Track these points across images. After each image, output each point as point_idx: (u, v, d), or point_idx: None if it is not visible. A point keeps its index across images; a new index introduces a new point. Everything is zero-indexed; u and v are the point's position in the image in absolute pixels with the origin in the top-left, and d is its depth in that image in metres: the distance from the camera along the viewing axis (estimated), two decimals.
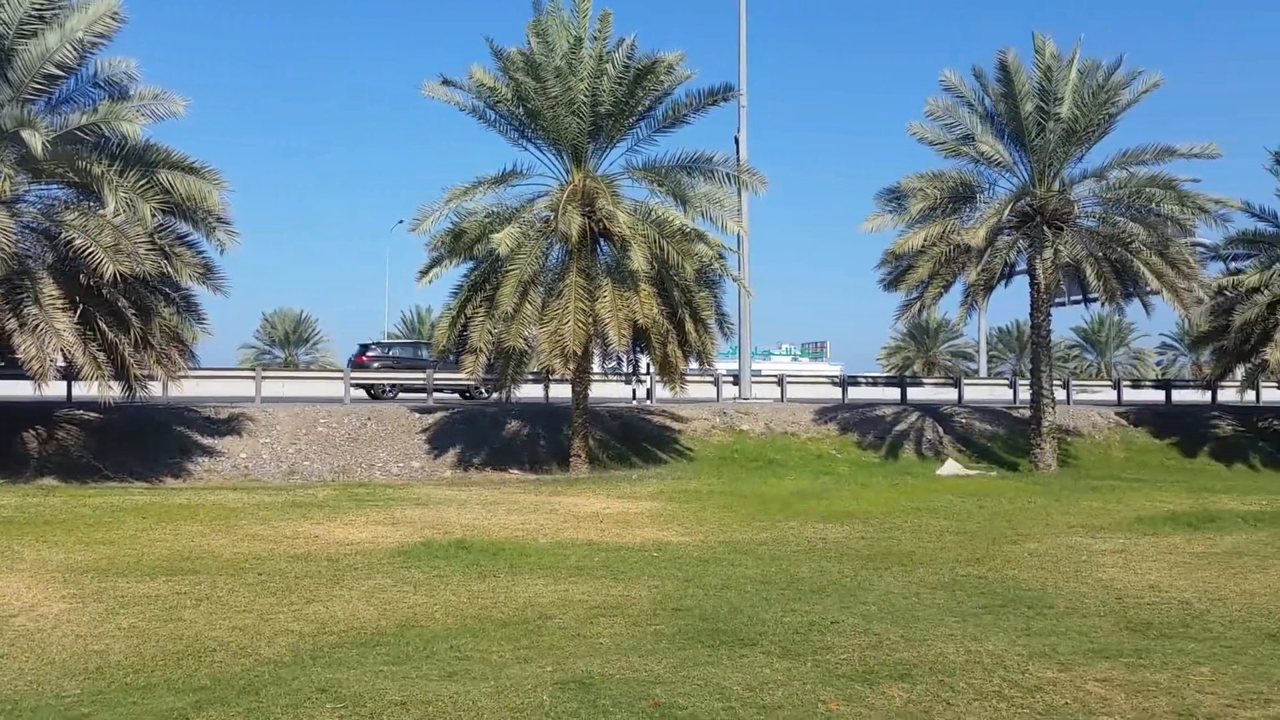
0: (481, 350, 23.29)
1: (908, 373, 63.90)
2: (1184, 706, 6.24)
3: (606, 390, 31.28)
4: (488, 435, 26.57)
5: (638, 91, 23.28)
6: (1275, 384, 39.22)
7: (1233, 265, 30.63)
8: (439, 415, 27.24)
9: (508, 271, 22.67)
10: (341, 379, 30.59)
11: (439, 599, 10.05)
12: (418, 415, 27.07)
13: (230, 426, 24.97)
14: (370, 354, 34.53)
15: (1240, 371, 32.30)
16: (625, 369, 29.14)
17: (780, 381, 35.63)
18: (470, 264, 24.51)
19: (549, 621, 9.08)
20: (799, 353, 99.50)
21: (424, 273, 24.26)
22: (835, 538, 14.62)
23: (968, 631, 8.59)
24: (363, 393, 31.89)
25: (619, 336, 22.49)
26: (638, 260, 21.75)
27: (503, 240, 21.82)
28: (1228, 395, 36.11)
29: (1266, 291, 28.10)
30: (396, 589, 10.53)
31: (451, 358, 26.53)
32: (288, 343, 71.46)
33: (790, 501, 18.84)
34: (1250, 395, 36.37)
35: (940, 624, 8.94)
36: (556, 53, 22.99)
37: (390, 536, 14.15)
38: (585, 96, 22.94)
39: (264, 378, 29.62)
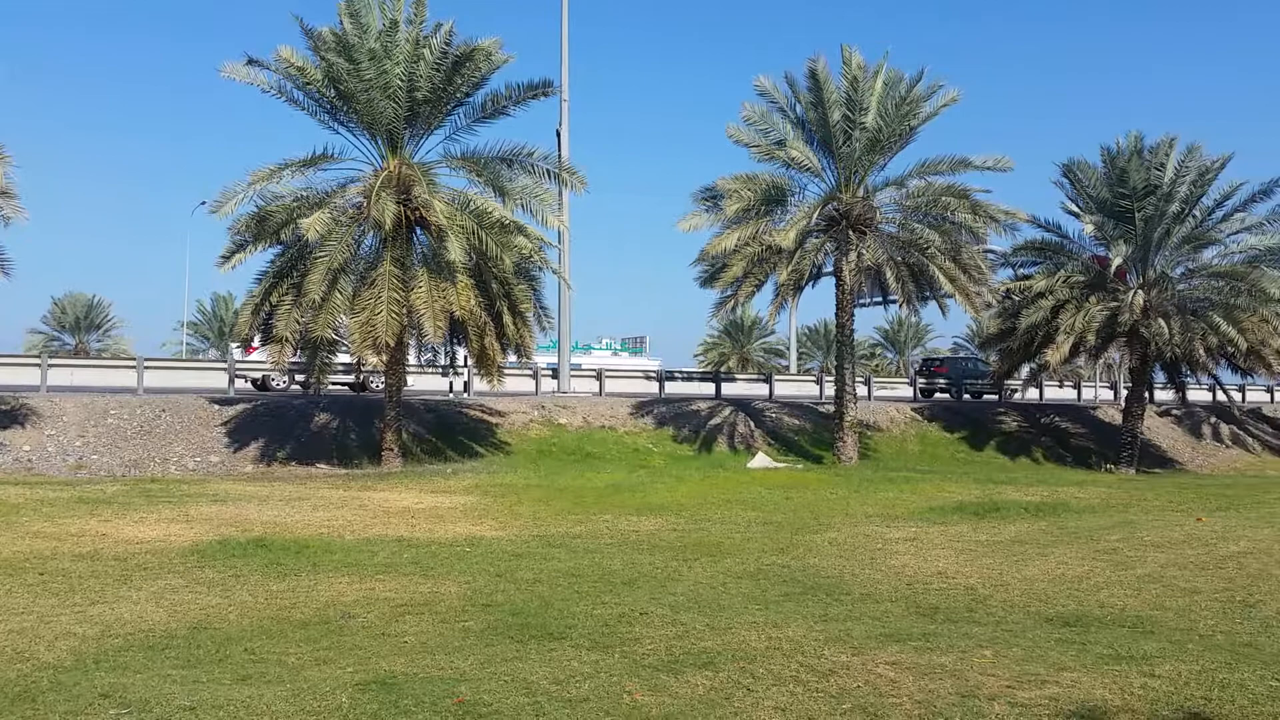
0: (288, 340, 22.42)
1: (723, 368, 65.43)
2: (967, 688, 6.60)
3: (423, 383, 30.70)
4: (294, 428, 25.62)
5: (456, 78, 22.91)
6: (1055, 383, 42.31)
7: (1020, 272, 32.68)
8: (240, 407, 26.06)
9: (316, 258, 21.90)
10: (135, 367, 28.73)
11: (234, 600, 9.62)
12: (217, 407, 25.82)
13: (11, 417, 23.17)
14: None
15: (1025, 371, 34.53)
16: (442, 361, 28.67)
17: (599, 375, 35.86)
18: (277, 250, 23.54)
19: (352, 621, 8.83)
20: (619, 347, 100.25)
21: (226, 258, 23.10)
22: (648, 530, 14.83)
23: (770, 619, 8.86)
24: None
25: (435, 328, 22.09)
26: (455, 251, 21.42)
27: (311, 225, 21.07)
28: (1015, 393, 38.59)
29: (1050, 297, 30.08)
30: (189, 589, 10.02)
31: (258, 346, 25.37)
32: (79, 329, 67.01)
33: (606, 495, 18.98)
34: (1032, 393, 39.03)
35: (744, 612, 9.19)
36: (370, 34, 22.36)
37: (184, 535, 13.45)
38: (401, 81, 22.41)
39: (50, 365, 27.58)
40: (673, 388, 35.95)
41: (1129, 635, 8.21)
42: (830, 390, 31.29)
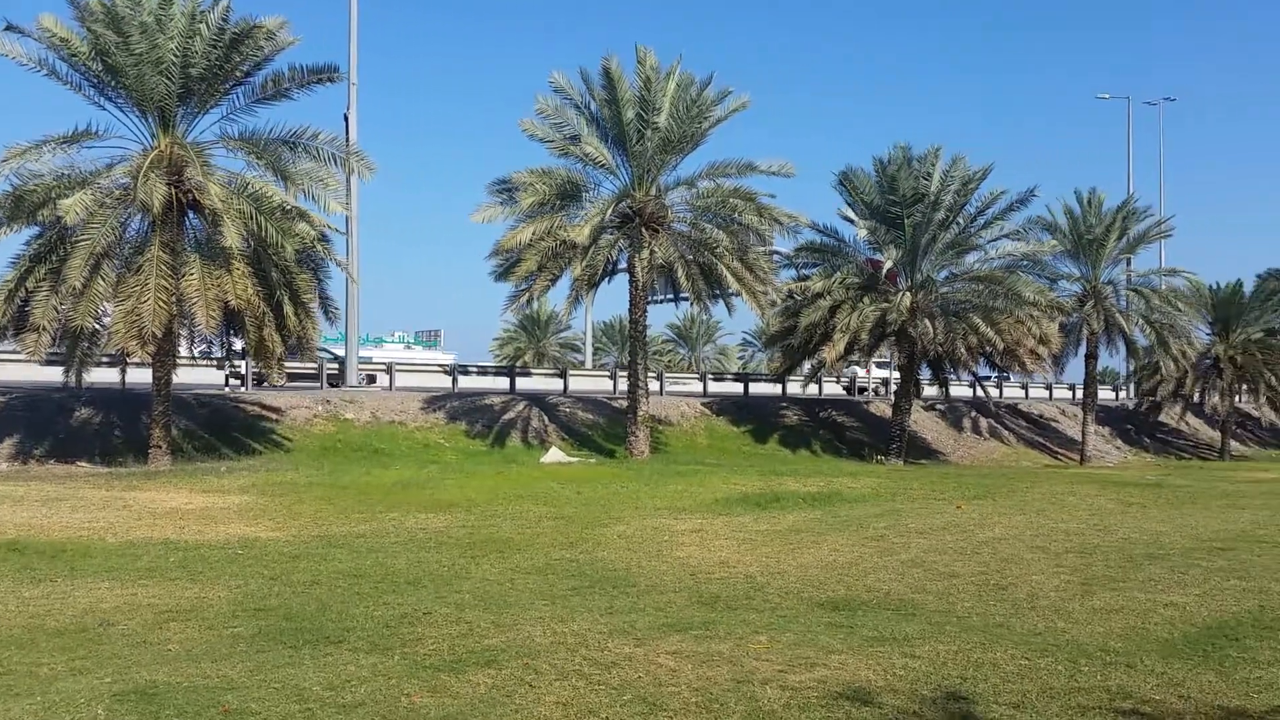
0: (45, 329, 20.75)
1: (519, 363, 65.15)
2: (743, 674, 6.80)
3: (196, 375, 29.05)
4: (52, 423, 23.75)
5: (234, 56, 21.78)
6: (834, 379, 44.37)
7: (803, 272, 34.07)
8: None
9: (78, 242, 20.36)
10: None
11: None
12: None
13: None
14: None
15: (806, 367, 36.03)
16: (218, 353, 27.21)
17: (390, 369, 34.96)
18: (35, 232, 21.74)
19: (111, 629, 8.26)
20: (413, 340, 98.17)
21: None
22: (436, 527, 14.57)
23: (556, 613, 8.86)
24: None
25: (208, 318, 20.95)
26: (231, 237, 20.37)
27: (71, 207, 19.56)
28: (795, 388, 40.12)
29: (828, 297, 31.49)
30: None
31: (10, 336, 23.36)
32: None
33: (393, 492, 18.53)
34: (812, 388, 40.77)
35: (531, 608, 9.16)
36: (144, 7, 20.97)
37: None
38: (175, 56, 21.10)
39: None
40: (467, 382, 35.46)
41: (893, 618, 8.68)
42: (624, 385, 31.67)
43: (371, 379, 34.62)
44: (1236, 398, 44.94)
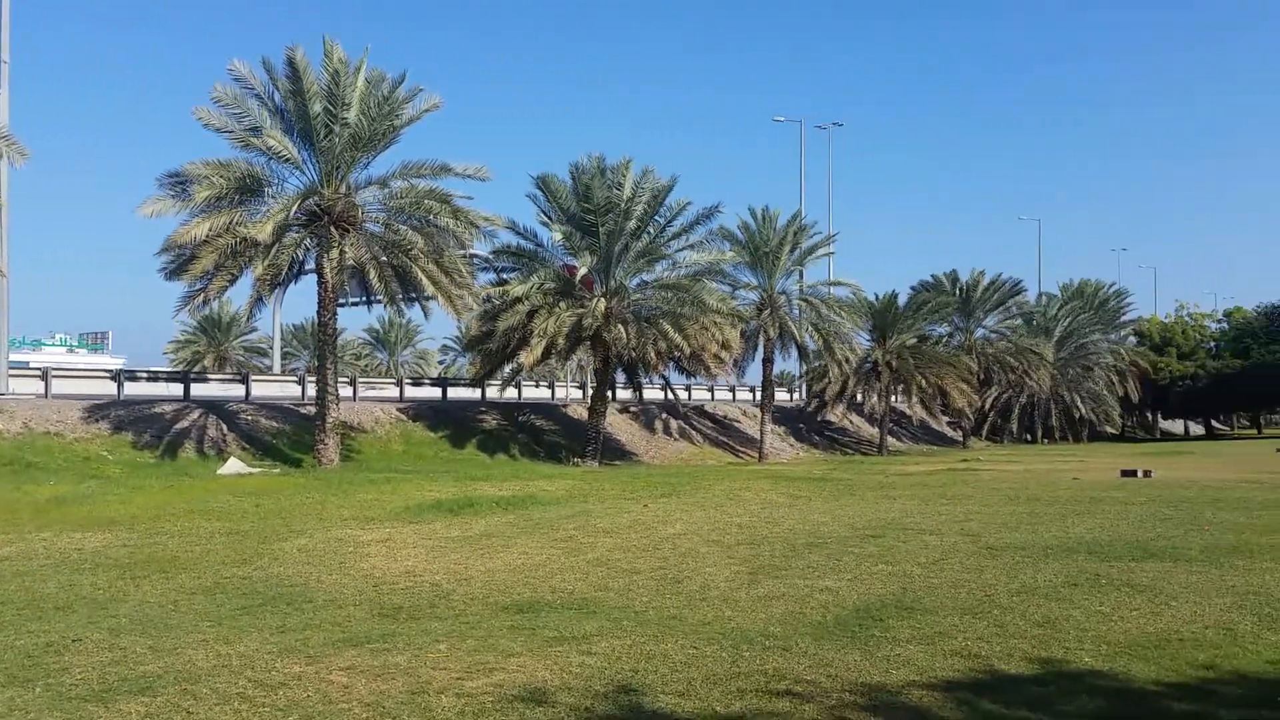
0: None
1: (198, 368, 61.10)
2: (418, 684, 6.68)
3: None
4: None
5: None
6: (533, 383, 44.81)
7: (503, 276, 34.12)
8: None
9: None
10: None
11: None
12: None
13: None
14: None
15: (506, 370, 36.10)
16: None
17: (45, 375, 31.69)
18: None
19: None
20: (76, 344, 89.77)
21: None
22: (94, 547, 13.36)
23: (222, 635, 8.35)
24: None
25: None
26: None
27: None
28: (494, 392, 40.15)
29: (526, 302, 31.76)
30: None
31: None
32: None
33: (46, 509, 16.89)
34: (512, 392, 41.00)
35: (194, 630, 8.59)
36: None
37: None
38: None
39: None
40: (136, 389, 32.76)
41: (575, 617, 8.84)
42: (314, 391, 30.41)
43: None
44: (892, 398, 49.54)
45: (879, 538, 13.66)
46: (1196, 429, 78.66)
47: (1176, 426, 79.41)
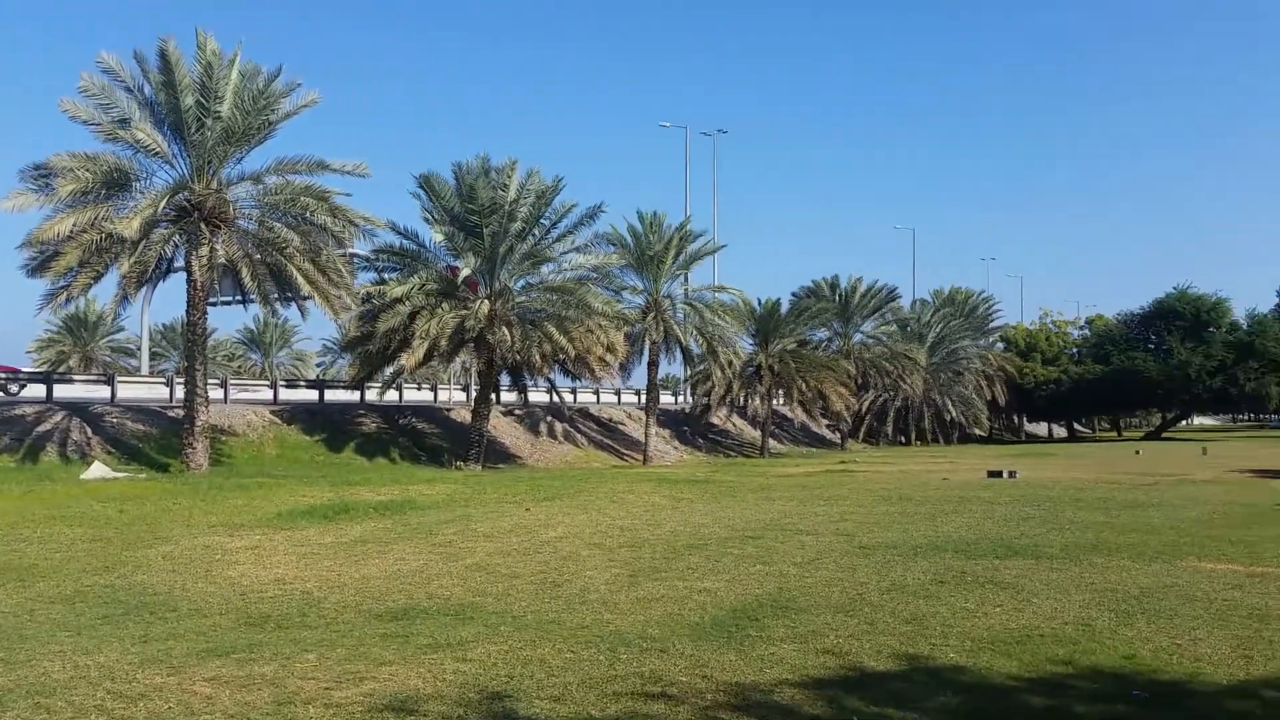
0: None
1: (62, 368, 58.37)
2: (285, 695, 6.49)
3: None
4: None
5: None
6: (415, 385, 44.13)
7: (384, 276, 33.47)
8: None
9: None
10: None
11: None
12: None
13: None
14: None
15: (387, 372, 35.46)
16: None
17: None
18: None
19: None
20: None
21: None
22: None
23: (80, 645, 8.00)
24: None
25: None
26: None
27: None
28: (374, 395, 39.35)
29: (407, 303, 31.20)
30: None
31: None
32: None
33: None
34: (393, 395, 40.28)
35: (51, 641, 8.20)
36: None
37: None
38: None
39: None
40: None
41: (451, 623, 8.72)
42: (183, 393, 29.31)
43: None
44: (774, 401, 50.39)
45: (758, 539, 13.87)
46: (1060, 431, 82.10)
47: (1041, 429, 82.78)
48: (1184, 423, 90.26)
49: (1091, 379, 67.72)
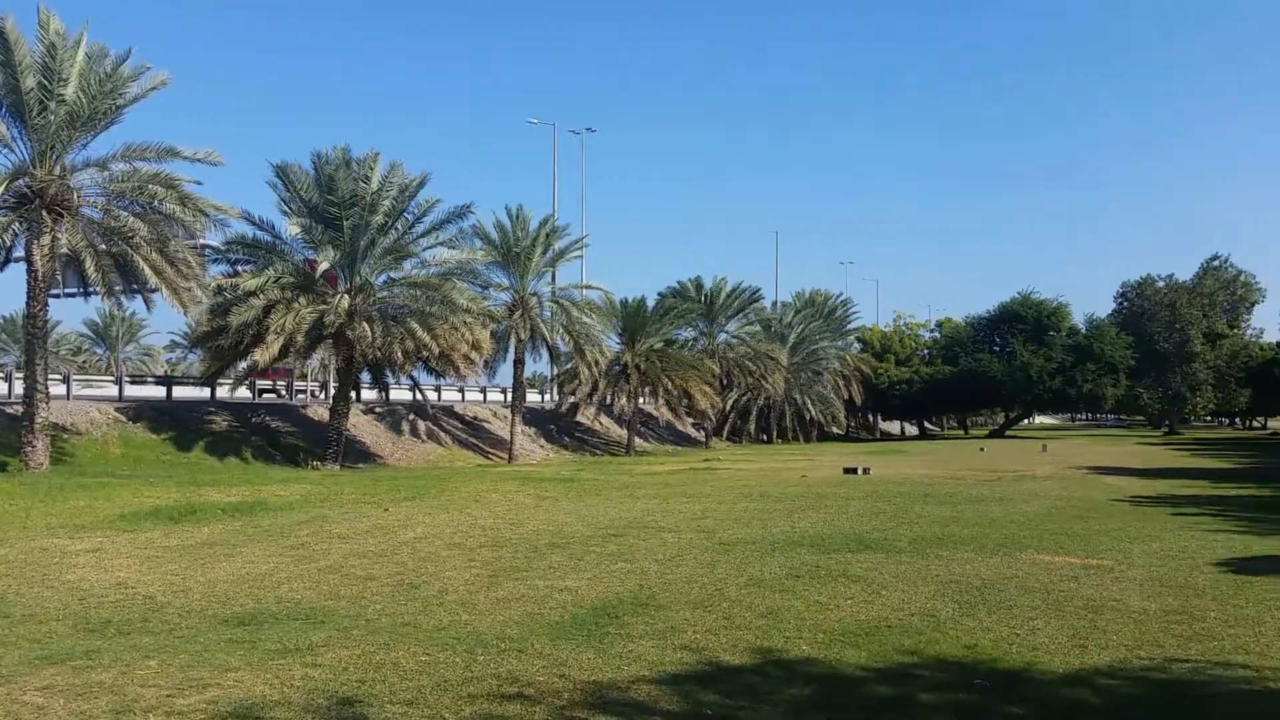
0: None
1: None
2: (124, 703, 6.19)
3: None
4: None
5: None
6: (270, 382, 42.75)
7: (237, 269, 32.24)
8: None
9: None
10: None
11: None
12: None
13: None
14: None
15: (240, 368, 34.25)
16: None
17: None
18: None
19: None
20: None
21: None
22: None
23: None
24: None
25: None
26: None
27: None
28: (225, 392, 37.95)
29: (262, 296, 30.14)
30: None
31: None
32: None
33: None
34: (246, 392, 38.94)
35: None
36: None
37: None
38: None
39: None
40: None
41: (301, 627, 8.48)
42: (21, 389, 27.69)
43: None
44: (641, 400, 50.76)
45: (620, 536, 13.94)
46: (912, 430, 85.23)
47: (894, 427, 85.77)
48: (1026, 421, 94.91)
49: (941, 379, 70.51)
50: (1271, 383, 66.93)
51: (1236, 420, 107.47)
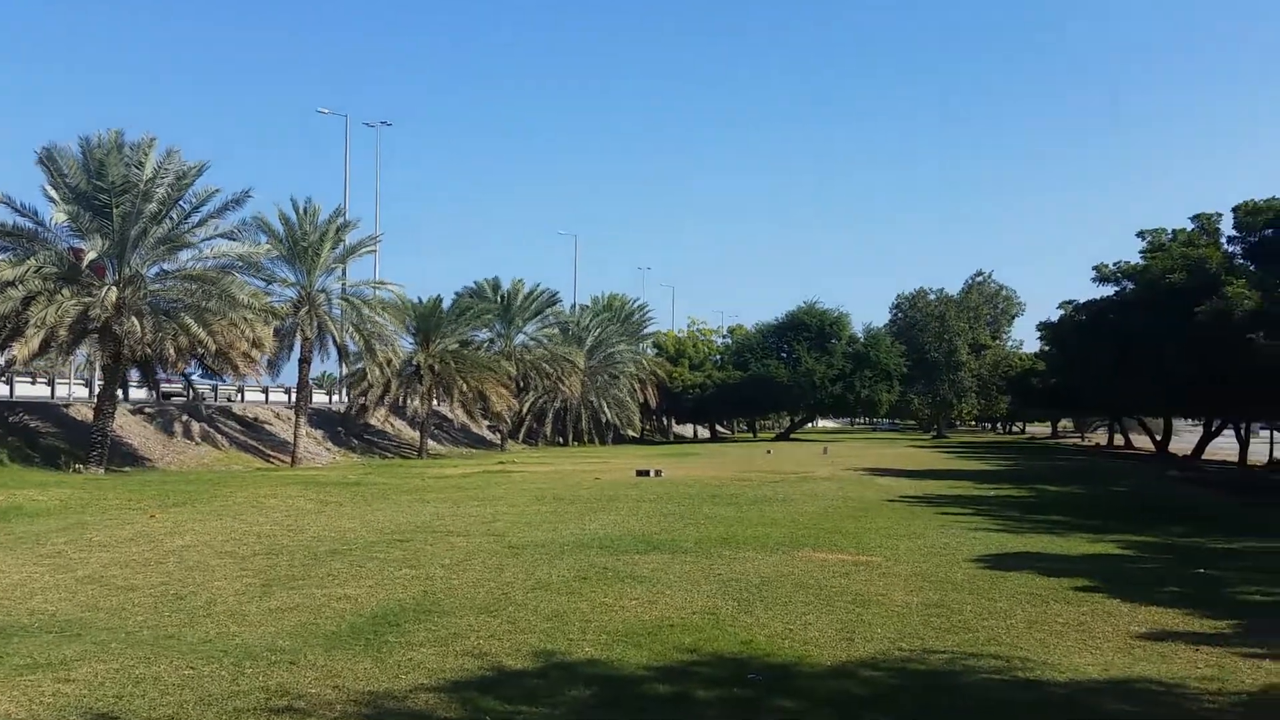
0: None
1: None
2: None
3: None
4: None
5: None
6: (29, 379, 39.51)
7: None
8: None
9: None
10: None
11: None
12: None
13: None
14: None
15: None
16: None
17: None
18: None
19: None
20: None
21: None
22: None
23: None
24: None
25: None
26: None
27: None
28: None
29: (21, 287, 27.82)
30: None
31: None
32: None
33: None
34: (2, 389, 35.90)
35: None
36: None
37: None
38: None
39: None
40: None
41: (54, 641, 7.87)
42: None
43: None
44: (434, 401, 49.85)
45: (406, 542, 13.62)
46: (704, 433, 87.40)
47: (688, 430, 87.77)
48: (810, 425, 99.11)
49: (732, 384, 72.69)
50: (1029, 390, 72.51)
51: (998, 425, 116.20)
